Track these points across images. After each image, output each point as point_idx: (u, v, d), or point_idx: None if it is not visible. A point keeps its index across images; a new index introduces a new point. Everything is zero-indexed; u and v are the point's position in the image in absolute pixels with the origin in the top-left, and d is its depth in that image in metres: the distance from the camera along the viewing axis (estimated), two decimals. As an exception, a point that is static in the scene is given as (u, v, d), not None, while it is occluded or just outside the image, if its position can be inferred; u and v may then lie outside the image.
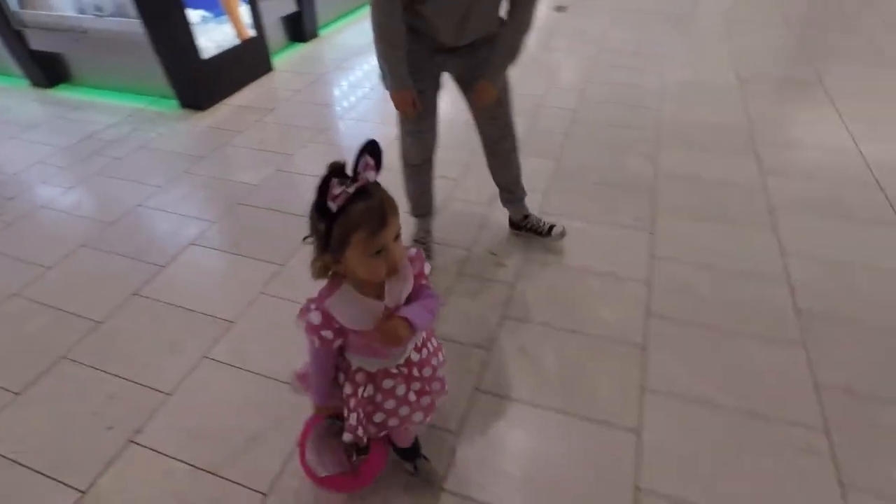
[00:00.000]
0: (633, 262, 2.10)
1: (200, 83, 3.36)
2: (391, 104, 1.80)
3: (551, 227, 2.16)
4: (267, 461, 1.46)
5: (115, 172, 2.81)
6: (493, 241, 2.25)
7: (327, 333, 0.99)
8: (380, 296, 0.99)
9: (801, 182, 2.58)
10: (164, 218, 2.47)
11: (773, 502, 1.34)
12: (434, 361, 1.20)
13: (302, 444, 1.27)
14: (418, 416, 1.21)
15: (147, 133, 3.18)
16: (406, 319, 0.98)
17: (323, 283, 1.00)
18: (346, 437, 1.15)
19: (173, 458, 1.48)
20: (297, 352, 1.73)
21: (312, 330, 0.99)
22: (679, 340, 1.78)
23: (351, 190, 0.85)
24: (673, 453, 1.45)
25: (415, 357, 1.15)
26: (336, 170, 0.85)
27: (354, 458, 1.23)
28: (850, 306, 1.88)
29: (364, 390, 1.12)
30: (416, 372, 1.15)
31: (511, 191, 2.16)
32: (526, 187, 2.18)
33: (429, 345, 1.20)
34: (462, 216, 2.40)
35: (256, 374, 1.71)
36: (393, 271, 0.95)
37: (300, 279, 2.05)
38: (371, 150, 0.88)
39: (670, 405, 1.57)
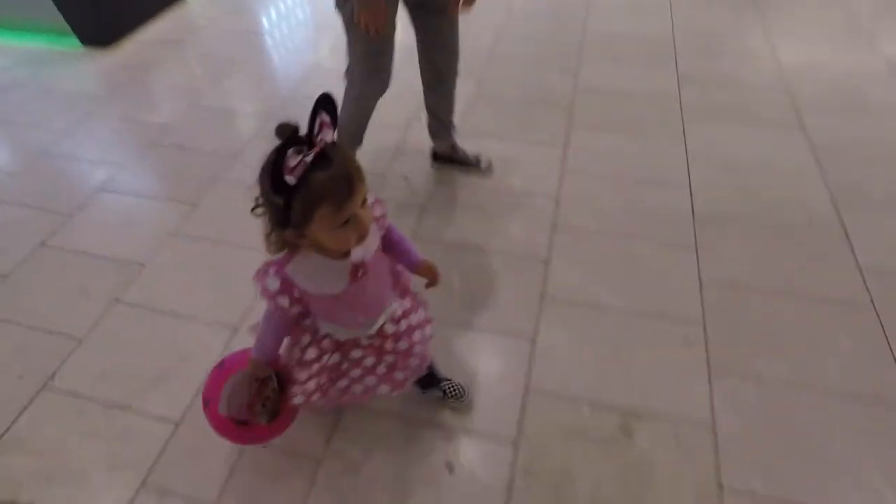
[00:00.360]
0: (544, 178, 2.14)
1: (100, 17, 3.11)
2: (338, 32, 1.69)
3: (479, 158, 2.16)
4: (179, 393, 1.51)
5: (15, 119, 2.66)
6: (408, 165, 2.24)
7: (283, 301, 0.93)
8: (345, 255, 0.92)
9: (714, 91, 2.61)
10: (71, 164, 2.37)
11: (650, 392, 1.46)
12: (417, 336, 1.14)
13: (208, 391, 1.18)
14: (384, 389, 1.17)
15: (48, 75, 2.98)
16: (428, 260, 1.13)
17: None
18: (298, 399, 1.09)
19: (86, 399, 1.51)
20: (207, 288, 1.78)
21: (268, 296, 0.93)
22: (581, 251, 1.85)
23: (309, 158, 0.75)
24: (563, 356, 1.56)
25: (390, 328, 1.10)
26: (288, 135, 0.74)
27: (260, 417, 1.11)
28: (742, 206, 1.98)
29: (330, 357, 1.08)
30: (389, 345, 1.10)
31: (443, 120, 2.09)
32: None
33: (412, 317, 1.14)
34: (378, 142, 2.36)
35: (166, 312, 1.72)
36: (362, 238, 0.88)
37: (212, 217, 2.06)
38: (325, 105, 0.78)
39: (566, 312, 1.66)
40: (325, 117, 0.77)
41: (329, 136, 0.78)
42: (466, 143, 2.20)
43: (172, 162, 2.37)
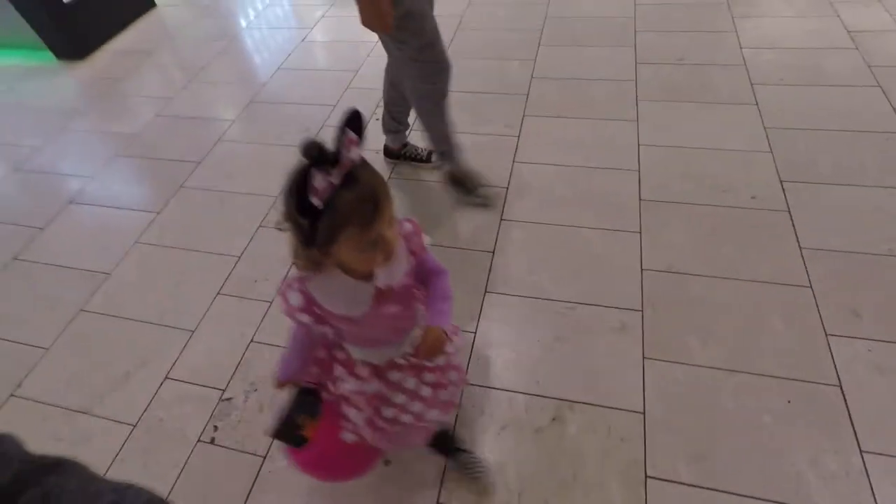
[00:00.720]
0: (496, 169, 2.15)
1: (71, 30, 3.18)
2: (314, 29, 1.66)
3: (430, 153, 2.18)
4: (136, 397, 1.59)
5: (-9, 136, 2.75)
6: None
7: (303, 317, 0.92)
8: (369, 277, 0.90)
9: (669, 69, 2.59)
10: (43, 179, 2.45)
11: (585, 381, 1.49)
12: (449, 347, 1.08)
13: None
14: (433, 414, 1.12)
15: (22, 91, 3.07)
16: (440, 328, 0.96)
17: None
18: (349, 437, 1.06)
19: (51, 405, 1.60)
20: (167, 294, 1.85)
21: (288, 311, 0.92)
22: (528, 242, 1.88)
23: (336, 181, 0.73)
24: (504, 348, 1.60)
25: None
26: (314, 153, 0.71)
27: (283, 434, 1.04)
28: (688, 189, 1.98)
29: (370, 386, 1.04)
30: (427, 361, 1.07)
31: (401, 118, 2.11)
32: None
33: None
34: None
35: (129, 319, 1.80)
36: (388, 259, 0.85)
37: (175, 225, 2.12)
38: (352, 122, 0.74)
39: (509, 304, 1.70)
40: (351, 135, 0.74)
41: (355, 154, 0.74)
42: (421, 136, 2.22)
43: (140, 171, 2.44)
